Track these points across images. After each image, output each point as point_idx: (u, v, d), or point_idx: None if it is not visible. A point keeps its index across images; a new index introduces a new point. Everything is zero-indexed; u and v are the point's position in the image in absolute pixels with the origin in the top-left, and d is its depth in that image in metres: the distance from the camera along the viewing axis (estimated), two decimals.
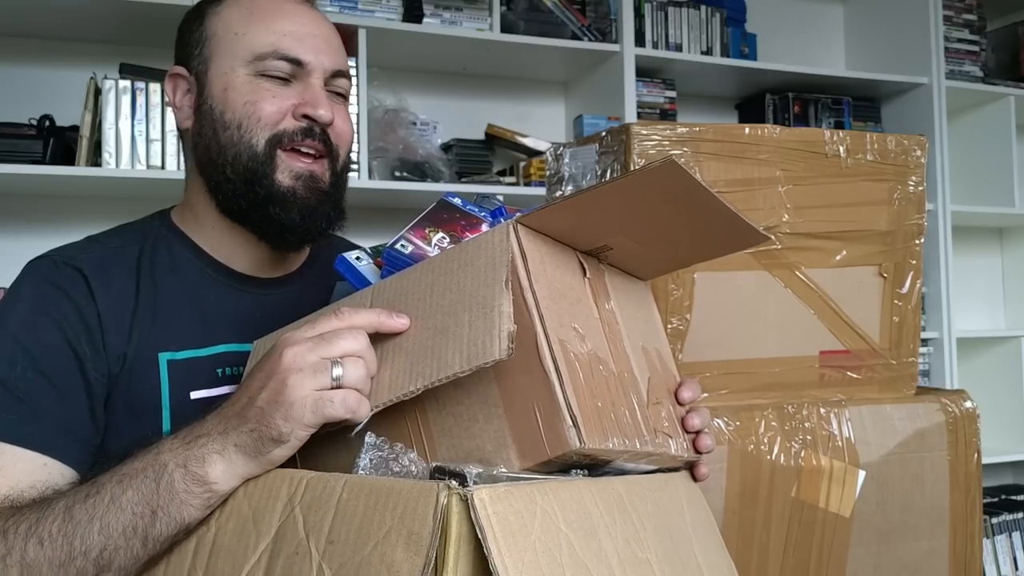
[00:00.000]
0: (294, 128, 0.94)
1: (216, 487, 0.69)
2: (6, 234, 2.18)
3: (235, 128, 0.94)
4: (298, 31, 0.96)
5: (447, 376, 0.64)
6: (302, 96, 0.95)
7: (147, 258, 0.97)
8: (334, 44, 0.99)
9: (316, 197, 0.96)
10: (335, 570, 0.57)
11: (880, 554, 1.05)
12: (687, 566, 0.68)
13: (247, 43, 0.95)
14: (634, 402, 0.72)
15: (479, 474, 0.58)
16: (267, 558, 0.62)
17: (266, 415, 0.68)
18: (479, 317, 0.64)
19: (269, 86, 0.95)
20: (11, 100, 2.16)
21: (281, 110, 0.94)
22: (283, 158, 0.94)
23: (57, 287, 0.92)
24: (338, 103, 0.99)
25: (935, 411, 1.09)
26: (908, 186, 1.11)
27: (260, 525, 0.64)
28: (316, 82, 0.96)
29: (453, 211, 0.79)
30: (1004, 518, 2.77)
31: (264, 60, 0.94)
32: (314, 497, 0.62)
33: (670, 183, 0.66)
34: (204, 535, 0.68)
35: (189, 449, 0.70)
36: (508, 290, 0.64)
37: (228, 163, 0.94)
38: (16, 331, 0.89)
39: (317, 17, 1.00)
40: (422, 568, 0.52)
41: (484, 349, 0.62)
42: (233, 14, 0.98)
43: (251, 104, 0.94)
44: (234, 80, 0.95)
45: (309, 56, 0.95)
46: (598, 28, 2.56)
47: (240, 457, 0.69)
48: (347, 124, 1.00)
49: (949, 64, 2.90)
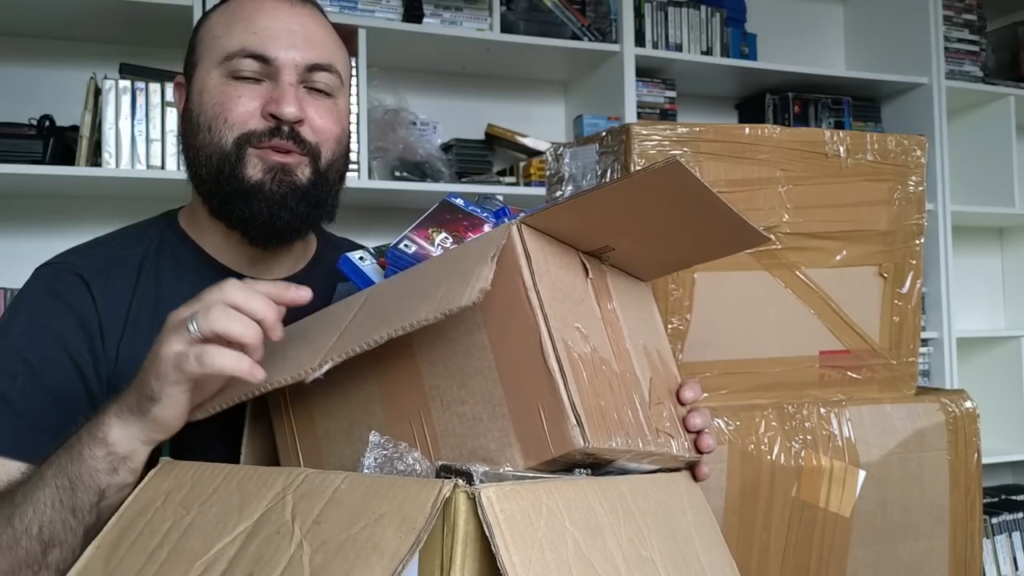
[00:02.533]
0: (263, 128, 0.93)
1: (115, 448, 0.72)
2: (6, 234, 2.18)
3: (206, 130, 0.94)
4: (272, 28, 0.94)
5: (412, 324, 0.63)
6: (270, 94, 0.93)
7: (151, 260, 0.98)
8: (315, 39, 0.96)
9: (286, 191, 0.93)
10: (315, 547, 0.56)
11: (880, 554, 1.06)
12: (690, 565, 0.69)
13: (222, 45, 0.95)
14: (636, 402, 0.73)
15: (485, 473, 0.58)
16: (243, 537, 0.61)
17: (143, 376, 0.72)
18: (456, 282, 0.64)
19: (238, 86, 0.93)
20: (11, 100, 2.16)
21: (248, 110, 0.93)
22: (254, 153, 0.93)
23: (59, 297, 0.92)
24: (318, 99, 0.96)
25: (935, 411, 1.09)
26: (908, 186, 1.11)
27: (245, 510, 0.63)
28: (286, 79, 0.93)
29: (456, 212, 0.80)
30: (1004, 518, 2.77)
31: (232, 60, 0.93)
32: (310, 488, 0.62)
33: (673, 184, 0.66)
34: (182, 518, 0.66)
35: (96, 417, 0.74)
36: (492, 262, 0.63)
37: (203, 164, 0.95)
38: (18, 343, 0.90)
39: (300, 13, 0.97)
40: (410, 547, 0.52)
41: (453, 300, 0.62)
42: (216, 19, 0.98)
43: (219, 106, 0.93)
44: (208, 83, 0.95)
45: (278, 52, 0.93)
46: (598, 28, 2.56)
47: (132, 418, 0.73)
48: (327, 120, 0.96)
49: (949, 64, 2.90)
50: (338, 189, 1.01)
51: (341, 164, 1.01)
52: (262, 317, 0.70)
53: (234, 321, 0.69)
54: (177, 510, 0.67)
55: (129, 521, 0.70)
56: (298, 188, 0.94)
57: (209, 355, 0.68)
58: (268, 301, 0.72)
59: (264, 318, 0.70)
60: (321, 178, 0.96)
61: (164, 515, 0.68)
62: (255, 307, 0.70)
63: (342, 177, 1.02)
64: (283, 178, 0.93)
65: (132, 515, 0.71)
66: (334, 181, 0.99)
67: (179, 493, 0.69)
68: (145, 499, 0.71)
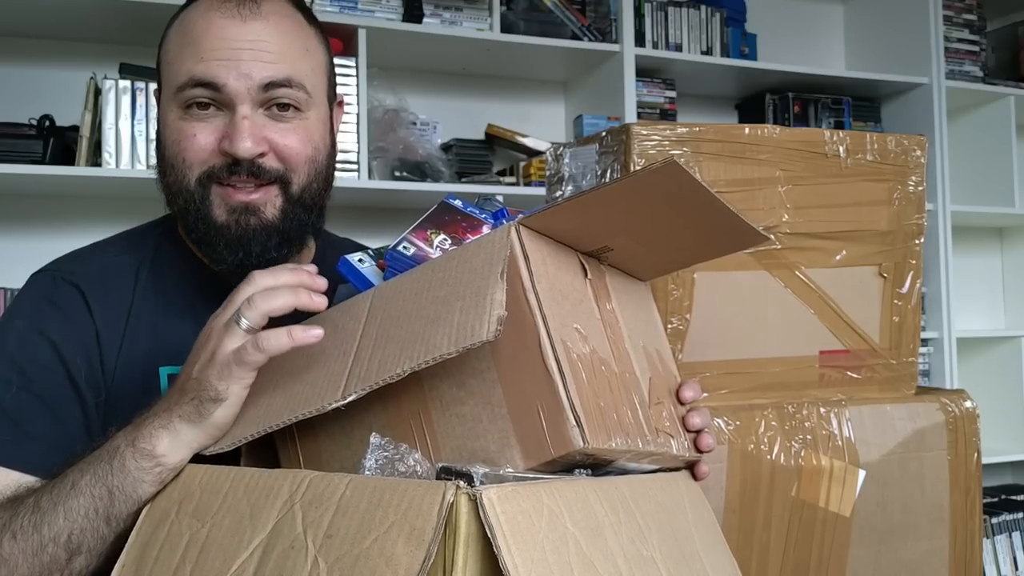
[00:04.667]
0: (221, 163, 0.88)
1: (164, 459, 0.72)
2: (6, 234, 2.18)
3: (171, 168, 0.90)
4: (220, 48, 0.87)
5: (434, 358, 0.63)
6: (226, 128, 0.88)
7: (148, 268, 0.97)
8: (270, 53, 0.88)
9: (252, 232, 0.89)
10: (331, 564, 0.57)
11: (880, 554, 1.05)
12: (691, 564, 0.69)
13: (173, 73, 0.89)
14: (636, 402, 0.73)
15: (486, 474, 0.59)
16: (260, 552, 0.62)
17: (201, 381, 0.72)
18: (471, 305, 0.64)
19: (193, 123, 0.88)
20: (11, 100, 2.16)
21: (205, 148, 0.88)
22: (217, 193, 0.89)
23: (54, 305, 0.92)
24: (282, 121, 0.90)
25: (935, 411, 1.09)
26: (908, 186, 1.11)
27: (256, 521, 0.64)
28: (240, 110, 0.87)
29: (454, 213, 0.79)
30: (1004, 518, 2.77)
31: (184, 91, 0.88)
32: (316, 494, 0.62)
33: (672, 184, 0.66)
34: (197, 531, 0.67)
35: (137, 429, 0.74)
36: (502, 280, 0.64)
37: (173, 202, 0.93)
38: (12, 351, 0.90)
39: (252, 27, 0.88)
40: (422, 562, 0.52)
41: (472, 331, 0.62)
42: (171, 39, 0.92)
43: (176, 144, 0.89)
44: (168, 116, 0.90)
45: (227, 77, 0.86)
46: (598, 28, 2.56)
47: (184, 426, 0.73)
48: (294, 141, 0.90)
49: (949, 64, 2.90)
50: (322, 204, 0.97)
51: (320, 183, 0.95)
52: (297, 283, 0.74)
53: (276, 298, 0.72)
54: (191, 522, 0.69)
55: (148, 535, 0.71)
56: (266, 226, 0.90)
57: (265, 339, 0.70)
58: (294, 268, 0.76)
59: (299, 282, 0.74)
60: (294, 206, 0.92)
61: (180, 528, 0.69)
62: (287, 279, 0.74)
63: (325, 192, 0.97)
64: (247, 218, 0.89)
65: (150, 528, 0.72)
66: (312, 204, 0.94)
67: (190, 503, 0.70)
68: (159, 511, 0.72)
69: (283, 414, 0.71)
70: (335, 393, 0.69)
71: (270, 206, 0.91)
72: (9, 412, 0.87)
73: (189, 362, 0.76)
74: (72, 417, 0.89)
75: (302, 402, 0.71)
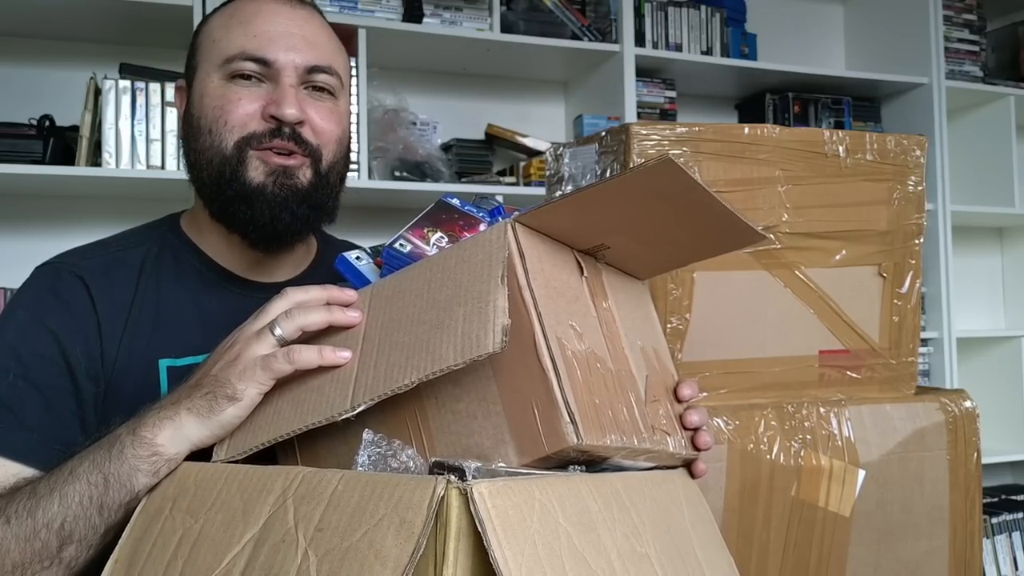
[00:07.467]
0: (263, 130, 0.93)
1: (162, 449, 0.73)
2: (6, 234, 2.18)
3: (207, 133, 0.94)
4: (271, 31, 0.94)
5: (441, 369, 0.64)
6: (271, 96, 0.94)
7: (152, 263, 0.98)
8: (315, 41, 0.97)
9: (288, 193, 0.94)
10: (320, 556, 0.57)
11: (880, 553, 1.05)
12: (686, 561, 0.69)
13: (221, 48, 0.95)
14: (632, 400, 0.72)
15: (478, 469, 0.59)
16: (252, 546, 0.62)
17: (220, 378, 0.74)
18: (474, 311, 0.65)
19: (238, 89, 0.94)
20: (11, 100, 2.17)
21: (249, 112, 0.93)
22: (255, 156, 0.93)
23: (58, 296, 0.93)
24: (319, 99, 0.97)
25: (935, 411, 1.09)
26: (908, 186, 1.11)
27: (249, 516, 0.64)
28: (286, 80, 0.94)
29: (451, 211, 0.79)
30: (1004, 518, 2.76)
31: (232, 62, 0.94)
32: (308, 489, 0.62)
33: (667, 181, 0.66)
34: (191, 527, 0.68)
35: (140, 419, 0.75)
36: (503, 285, 0.64)
37: (204, 167, 0.95)
38: (13, 340, 0.90)
39: (299, 15, 0.98)
40: (411, 554, 0.52)
41: (478, 342, 0.62)
42: (215, 22, 0.98)
43: (219, 108, 0.94)
44: (208, 86, 0.95)
45: (277, 54, 0.94)
46: (598, 28, 2.56)
47: (191, 419, 0.73)
48: (329, 121, 0.97)
49: (949, 64, 2.90)
50: (339, 191, 1.01)
51: (342, 166, 1.00)
52: (328, 298, 0.76)
53: (312, 313, 0.75)
54: (185, 519, 0.69)
55: (142, 531, 0.71)
56: (299, 191, 0.94)
57: (297, 351, 0.72)
58: (323, 286, 0.77)
59: (330, 297, 0.76)
60: (322, 180, 0.96)
61: (173, 525, 0.69)
62: (318, 295, 0.76)
63: (343, 179, 1.02)
64: (284, 181, 0.94)
65: (144, 524, 0.72)
66: (335, 183, 0.99)
67: (184, 499, 0.70)
68: (154, 507, 0.72)
69: (293, 422, 0.71)
70: (344, 402, 0.69)
71: (303, 174, 0.95)
72: (4, 400, 0.87)
73: (208, 362, 0.77)
74: (67, 408, 0.89)
75: (310, 410, 0.71)
